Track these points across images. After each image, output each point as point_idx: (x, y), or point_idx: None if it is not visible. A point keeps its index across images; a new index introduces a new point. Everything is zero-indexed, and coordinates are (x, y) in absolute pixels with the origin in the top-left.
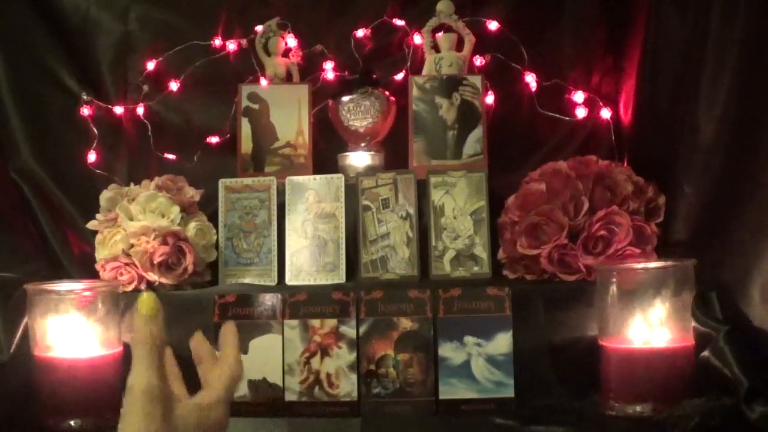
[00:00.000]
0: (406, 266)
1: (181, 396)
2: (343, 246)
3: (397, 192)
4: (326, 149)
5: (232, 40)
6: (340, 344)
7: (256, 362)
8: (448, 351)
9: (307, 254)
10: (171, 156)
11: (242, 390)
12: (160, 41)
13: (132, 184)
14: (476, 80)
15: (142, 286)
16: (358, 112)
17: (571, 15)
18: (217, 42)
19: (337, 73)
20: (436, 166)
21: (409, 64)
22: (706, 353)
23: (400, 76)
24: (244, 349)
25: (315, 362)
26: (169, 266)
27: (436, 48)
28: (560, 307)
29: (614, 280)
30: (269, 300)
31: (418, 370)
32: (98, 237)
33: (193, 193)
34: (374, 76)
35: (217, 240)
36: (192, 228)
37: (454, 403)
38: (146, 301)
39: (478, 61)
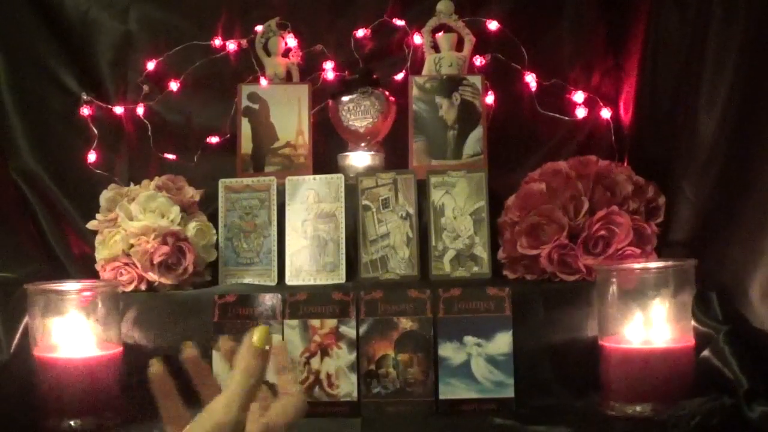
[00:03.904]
0: (406, 266)
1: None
2: (343, 246)
3: (397, 192)
4: (326, 149)
5: (232, 40)
6: (340, 344)
7: None
8: (448, 351)
9: (307, 254)
10: (171, 156)
11: None
12: (160, 41)
13: (132, 184)
14: (476, 80)
15: (142, 286)
16: (358, 112)
17: (571, 15)
18: (217, 42)
19: (337, 73)
20: (436, 166)
21: (409, 64)
22: (706, 353)
23: (400, 76)
24: None
25: (315, 362)
26: (169, 266)
27: (436, 48)
28: (560, 307)
29: (614, 280)
30: (269, 300)
31: (418, 370)
32: (98, 237)
33: (193, 193)
34: (374, 76)
35: (217, 240)
36: (192, 228)
37: (454, 403)
38: (262, 333)
39: (478, 61)
